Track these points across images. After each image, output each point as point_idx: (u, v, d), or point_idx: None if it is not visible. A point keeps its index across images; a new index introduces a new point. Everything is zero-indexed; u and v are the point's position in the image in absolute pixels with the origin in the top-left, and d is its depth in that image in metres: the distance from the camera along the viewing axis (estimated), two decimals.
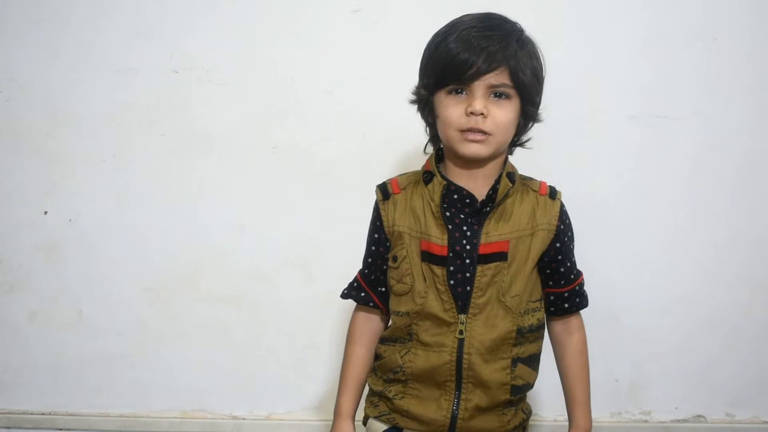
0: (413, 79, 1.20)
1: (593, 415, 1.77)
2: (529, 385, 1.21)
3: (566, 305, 1.23)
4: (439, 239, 1.14)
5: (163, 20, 1.71)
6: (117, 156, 1.74)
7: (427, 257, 1.15)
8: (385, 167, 1.67)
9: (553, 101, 1.69)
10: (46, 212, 1.76)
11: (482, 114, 1.09)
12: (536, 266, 1.18)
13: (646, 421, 1.77)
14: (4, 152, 1.75)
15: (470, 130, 1.10)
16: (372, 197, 1.23)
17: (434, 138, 1.21)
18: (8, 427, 1.78)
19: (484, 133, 1.10)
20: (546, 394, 1.75)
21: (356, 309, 1.27)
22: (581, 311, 1.26)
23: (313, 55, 1.71)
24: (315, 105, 1.71)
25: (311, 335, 1.76)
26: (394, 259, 1.18)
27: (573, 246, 1.23)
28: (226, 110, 1.72)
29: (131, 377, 1.78)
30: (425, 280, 1.15)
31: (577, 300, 1.23)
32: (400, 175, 1.23)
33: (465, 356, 1.13)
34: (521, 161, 1.30)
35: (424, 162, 1.21)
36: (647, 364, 1.76)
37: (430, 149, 1.23)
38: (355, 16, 1.70)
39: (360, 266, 1.25)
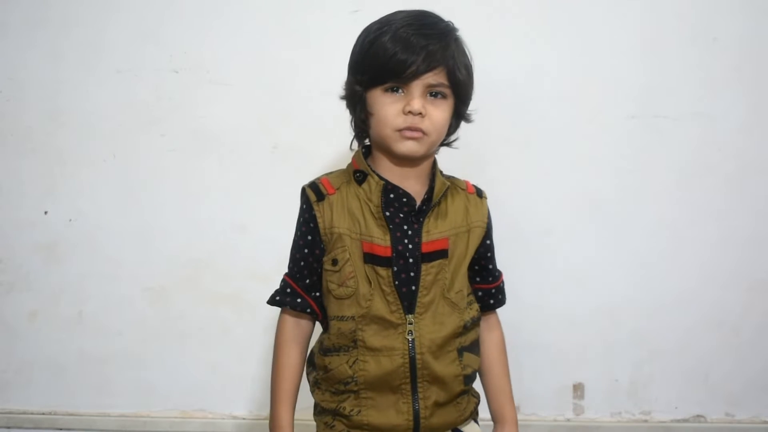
0: None
1: (593, 415, 1.79)
2: (476, 371, 1.21)
3: (492, 301, 1.25)
4: (381, 240, 1.13)
5: (163, 20, 1.71)
6: (117, 156, 1.74)
7: (371, 259, 1.13)
8: None
9: (553, 102, 1.70)
10: (46, 212, 1.76)
11: (420, 114, 1.09)
12: None
13: (646, 421, 1.77)
14: (4, 152, 1.75)
15: (408, 128, 1.10)
16: None
17: (360, 135, 1.20)
18: (8, 427, 1.78)
19: (420, 131, 1.10)
20: (545, 395, 1.76)
21: (284, 314, 1.21)
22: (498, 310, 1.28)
23: (313, 55, 1.71)
24: (315, 105, 1.71)
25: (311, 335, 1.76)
26: (334, 262, 1.14)
27: None
28: (227, 110, 1.72)
29: (131, 377, 1.78)
30: (370, 283, 1.13)
31: (500, 297, 1.26)
32: (328, 174, 1.21)
33: (418, 356, 1.12)
34: (521, 161, 1.30)
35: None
36: (647, 364, 1.77)
37: (355, 146, 1.22)
38: (355, 16, 1.70)
39: (286, 271, 1.21)
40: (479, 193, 1.23)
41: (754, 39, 1.70)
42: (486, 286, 1.24)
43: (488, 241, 1.22)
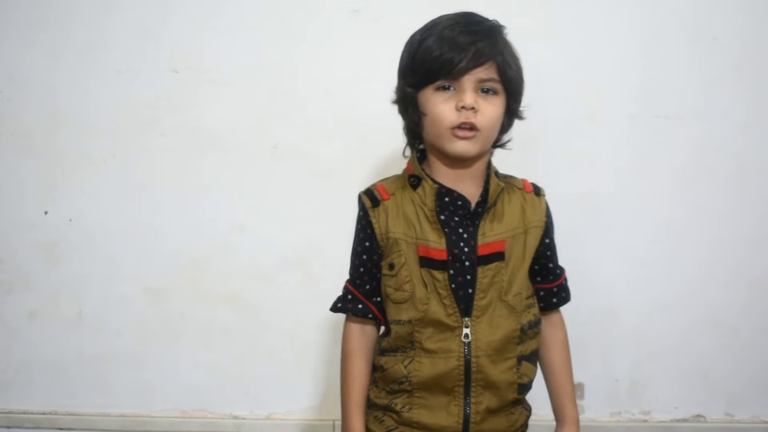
0: None
1: (593, 415, 1.79)
2: (532, 381, 1.21)
3: (555, 300, 1.24)
4: (437, 243, 1.13)
5: (163, 20, 1.71)
6: (117, 156, 1.74)
7: (427, 262, 1.13)
8: (385, 167, 1.67)
9: (553, 101, 1.70)
10: (46, 212, 1.76)
11: (473, 108, 1.09)
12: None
13: (645, 421, 1.78)
14: (4, 152, 1.75)
15: (461, 125, 1.09)
16: None
17: (413, 140, 1.20)
18: (8, 427, 1.78)
19: (473, 129, 1.10)
20: (545, 394, 1.75)
21: (349, 322, 1.21)
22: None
23: (313, 55, 1.71)
24: (315, 105, 1.71)
25: (311, 335, 1.76)
26: (391, 266, 1.15)
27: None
28: (227, 110, 1.72)
29: (131, 377, 1.78)
30: (426, 286, 1.13)
31: (563, 294, 1.25)
32: (383, 180, 1.21)
33: (473, 359, 1.12)
34: (521, 161, 1.30)
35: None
36: (647, 364, 1.77)
37: (408, 153, 1.22)
38: (355, 16, 1.70)
39: (347, 278, 1.22)
40: (537, 191, 1.21)
41: (754, 39, 1.70)
42: (547, 285, 1.23)
43: (547, 240, 1.21)
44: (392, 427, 1.16)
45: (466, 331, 1.12)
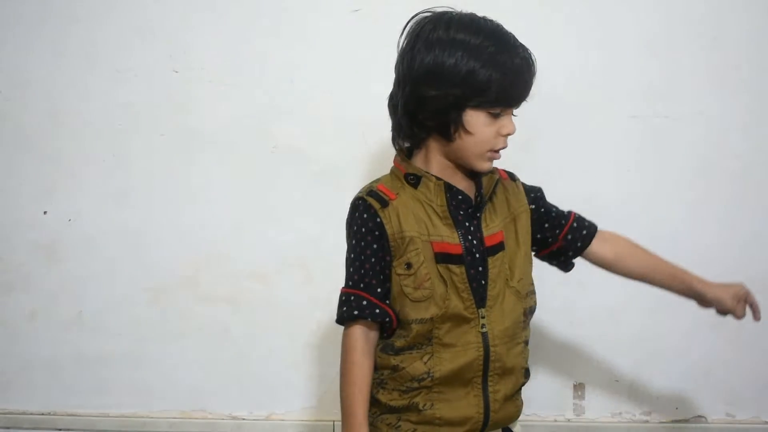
0: None
1: (594, 416, 1.79)
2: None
3: (584, 232, 1.29)
4: (450, 238, 1.14)
5: (163, 20, 1.71)
6: (117, 156, 1.74)
7: (443, 258, 1.14)
8: (385, 167, 1.67)
9: (553, 101, 1.70)
10: (46, 212, 1.76)
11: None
12: (531, 246, 1.24)
13: (646, 422, 1.77)
14: (4, 152, 1.75)
15: (499, 150, 1.15)
16: None
17: (413, 139, 1.18)
18: (8, 427, 1.78)
19: None
20: (546, 395, 1.75)
21: (355, 327, 1.15)
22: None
23: (313, 55, 1.71)
24: (315, 105, 1.71)
25: (311, 335, 1.76)
26: (408, 266, 1.13)
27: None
28: (226, 110, 1.72)
29: (131, 377, 1.77)
30: (445, 282, 1.14)
31: (587, 223, 1.31)
32: (377, 181, 1.20)
33: (492, 348, 1.14)
34: (521, 161, 1.31)
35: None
36: (647, 365, 1.76)
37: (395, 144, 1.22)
38: (355, 16, 1.70)
39: (348, 285, 1.16)
40: (512, 177, 1.27)
41: (755, 38, 1.70)
42: (567, 228, 1.28)
43: (542, 209, 1.26)
44: (410, 430, 1.14)
45: (482, 321, 1.14)
